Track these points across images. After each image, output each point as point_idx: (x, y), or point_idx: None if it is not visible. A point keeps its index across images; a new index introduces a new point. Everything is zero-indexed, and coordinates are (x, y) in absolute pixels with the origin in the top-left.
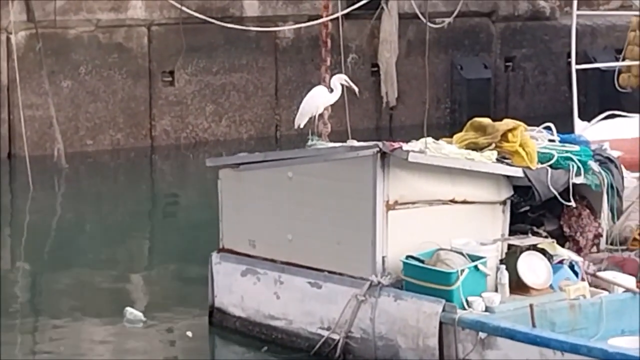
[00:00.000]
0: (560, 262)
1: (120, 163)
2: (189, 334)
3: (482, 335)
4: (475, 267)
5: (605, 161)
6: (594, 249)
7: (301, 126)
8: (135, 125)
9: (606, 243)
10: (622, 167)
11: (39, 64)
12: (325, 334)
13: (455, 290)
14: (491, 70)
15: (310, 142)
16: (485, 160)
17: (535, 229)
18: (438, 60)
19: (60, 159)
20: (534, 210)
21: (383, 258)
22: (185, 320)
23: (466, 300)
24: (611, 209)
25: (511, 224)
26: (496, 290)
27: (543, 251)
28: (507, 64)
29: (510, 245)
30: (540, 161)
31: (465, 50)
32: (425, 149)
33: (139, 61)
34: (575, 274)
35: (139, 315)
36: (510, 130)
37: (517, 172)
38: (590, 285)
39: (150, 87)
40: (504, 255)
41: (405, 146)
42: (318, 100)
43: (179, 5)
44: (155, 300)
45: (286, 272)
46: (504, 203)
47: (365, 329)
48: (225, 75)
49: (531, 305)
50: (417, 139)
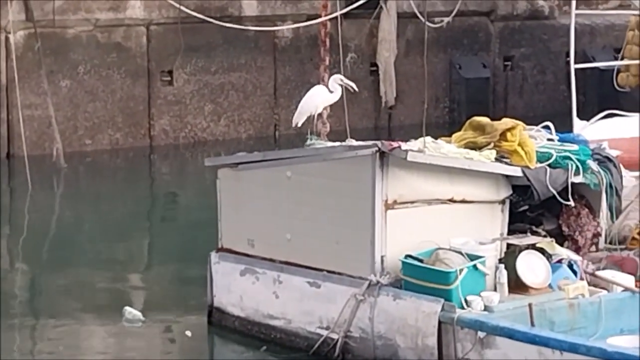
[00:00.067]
0: (559, 262)
1: (119, 163)
2: (188, 333)
3: (481, 334)
4: (474, 267)
5: (604, 160)
6: (593, 248)
7: (299, 125)
8: (134, 125)
9: (605, 242)
10: (621, 167)
11: (38, 64)
12: (324, 333)
13: (454, 289)
14: (490, 70)
15: (309, 142)
16: (484, 160)
17: (534, 228)
18: (437, 59)
19: (59, 158)
20: (533, 210)
21: (382, 257)
22: (184, 320)
23: (465, 300)
24: (610, 208)
25: (510, 223)
26: (495, 289)
27: (542, 250)
28: (506, 63)
29: (509, 245)
30: (539, 160)
31: (464, 50)
32: (424, 148)
33: (138, 61)
34: (574, 273)
35: (138, 314)
36: (509, 129)
37: (516, 172)
38: (589, 284)
39: (149, 87)
40: (502, 255)
41: (404, 145)
42: (317, 99)
43: (178, 5)
44: (154, 299)
45: (285, 272)
46: (502, 202)
47: (364, 329)
48: (224, 75)
49: (530, 305)
50: (416, 139)
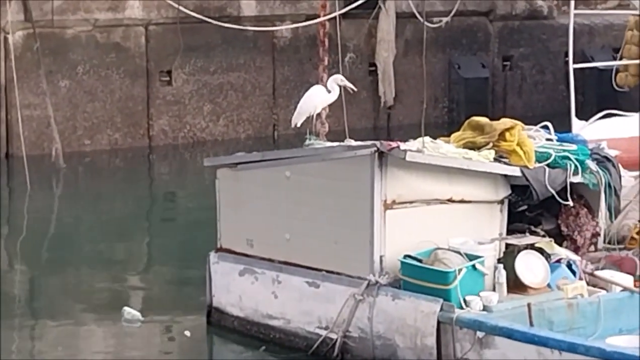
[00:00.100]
0: (558, 261)
1: (118, 163)
2: (187, 333)
3: (480, 334)
4: (473, 267)
5: (603, 160)
6: (592, 248)
7: (298, 125)
8: (133, 125)
9: (604, 242)
10: (620, 166)
11: (37, 64)
12: (323, 333)
13: (453, 289)
14: (489, 70)
15: (307, 142)
16: (483, 160)
17: (532, 228)
18: (436, 59)
19: (58, 158)
20: (532, 210)
21: (381, 257)
22: (183, 320)
23: (464, 300)
24: (609, 208)
25: (509, 223)
26: (494, 289)
27: (541, 250)
28: (505, 63)
29: (508, 245)
30: (538, 160)
31: (462, 50)
32: (423, 148)
33: (137, 61)
34: (573, 273)
35: (137, 314)
36: (507, 129)
37: (515, 172)
38: (588, 284)
39: (147, 87)
40: (501, 255)
41: (403, 145)
42: (316, 99)
43: (177, 5)
44: (153, 299)
45: (284, 272)
46: (501, 202)
47: (363, 328)
48: (223, 75)
49: (529, 305)
50: (415, 139)
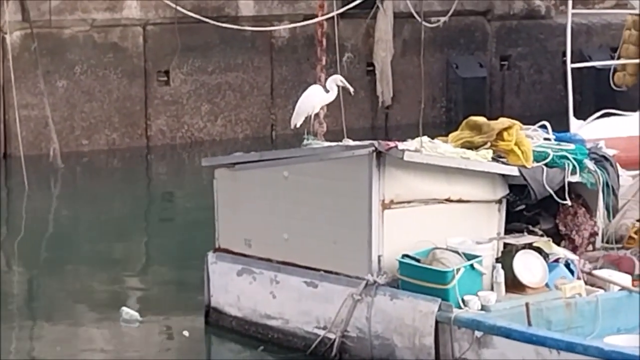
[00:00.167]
0: (556, 261)
1: (116, 163)
2: (185, 333)
3: (478, 334)
4: (471, 266)
5: (601, 159)
6: (590, 247)
7: (297, 126)
8: (131, 125)
9: (602, 241)
10: (618, 166)
11: (34, 64)
12: (321, 333)
13: (451, 289)
14: (487, 69)
15: (305, 142)
16: (481, 159)
17: (531, 227)
18: (433, 59)
19: (56, 158)
20: (530, 209)
21: (379, 257)
22: (181, 320)
23: (462, 299)
24: (607, 208)
25: (507, 222)
26: (492, 289)
27: (539, 250)
28: (503, 63)
29: (506, 244)
30: (536, 160)
31: (460, 49)
32: (421, 148)
33: (134, 61)
34: (571, 272)
35: (135, 314)
36: (505, 129)
37: (513, 171)
38: (586, 283)
39: (145, 87)
40: (499, 254)
41: (401, 145)
42: (314, 99)
43: (174, 5)
44: (151, 299)
45: (282, 272)
46: (499, 202)
47: (361, 328)
48: (221, 75)
49: (527, 304)
50: (413, 138)
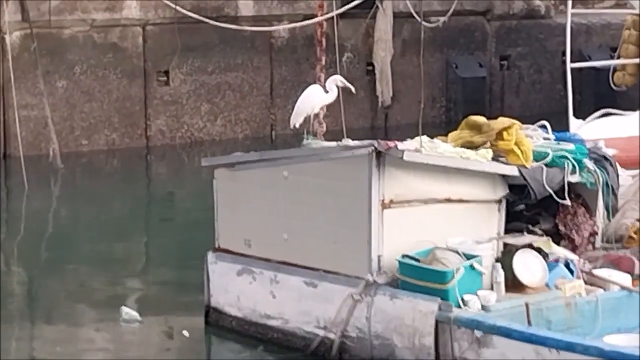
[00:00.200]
0: (556, 261)
1: (116, 163)
2: (185, 333)
3: (478, 333)
4: (471, 266)
5: (601, 159)
6: (590, 247)
7: (297, 126)
8: (131, 125)
9: (602, 241)
10: (617, 165)
11: (34, 64)
12: (321, 333)
13: (451, 288)
14: (486, 69)
15: (305, 142)
16: (481, 159)
17: (530, 227)
18: (433, 59)
19: (56, 159)
20: (530, 209)
21: (379, 257)
22: (181, 320)
23: (462, 299)
24: (606, 207)
25: (507, 222)
26: (492, 288)
27: (539, 249)
28: (502, 63)
29: (505, 244)
30: (536, 159)
31: (460, 49)
32: (421, 147)
33: (134, 61)
34: (571, 272)
35: (135, 314)
36: (505, 128)
37: (513, 171)
38: (585, 283)
39: (145, 87)
40: (499, 254)
41: (401, 145)
42: (314, 99)
43: (174, 5)
44: (151, 299)
45: (282, 272)
46: (499, 202)
47: (361, 328)
48: (221, 75)
49: (527, 304)
50: (413, 138)
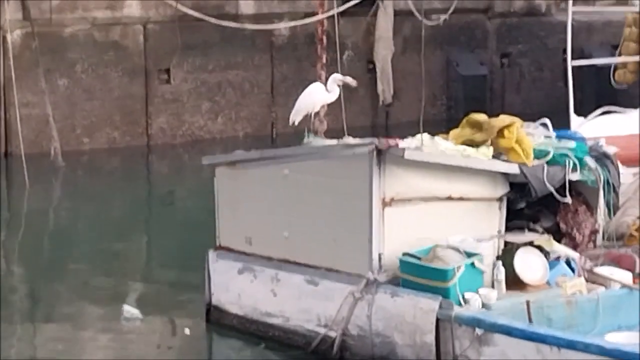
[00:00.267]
0: (557, 259)
1: (117, 161)
2: (187, 331)
3: (479, 331)
4: (472, 264)
5: (602, 157)
6: (591, 245)
7: (296, 123)
8: (132, 123)
9: (603, 239)
10: (618, 163)
11: (35, 62)
12: (322, 331)
13: (452, 286)
14: (487, 67)
15: (306, 140)
16: (482, 157)
17: (531, 225)
18: (434, 57)
19: (57, 157)
20: (531, 207)
21: (379, 255)
22: (182, 318)
23: (463, 297)
24: (607, 205)
25: (507, 220)
26: (493, 286)
27: (539, 247)
28: (503, 61)
29: (506, 242)
30: (537, 157)
31: (461, 47)
32: (422, 146)
33: (135, 59)
34: (572, 270)
35: (136, 312)
36: (506, 126)
37: (513, 169)
38: (586, 281)
39: (146, 85)
40: (500, 252)
41: (401, 143)
42: (314, 97)
43: (175, 4)
44: (152, 297)
45: (283, 270)
46: (500, 199)
47: (362, 326)
48: (221, 73)
49: (528, 302)
50: (413, 136)
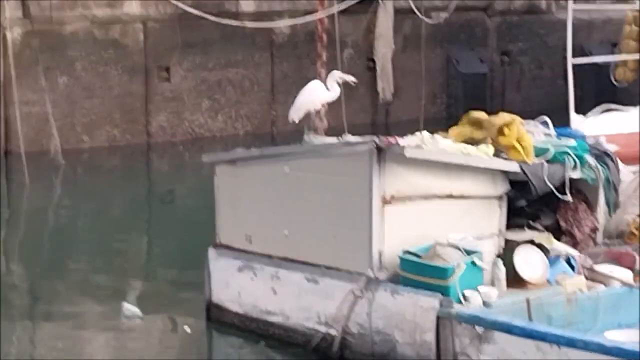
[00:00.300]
0: (557, 257)
1: (117, 159)
2: (187, 329)
3: (479, 329)
4: (472, 262)
5: (602, 155)
6: (591, 243)
7: (296, 121)
8: (132, 121)
9: (603, 237)
10: (619, 161)
11: (35, 60)
12: (322, 329)
13: (452, 284)
14: (487, 65)
15: (306, 138)
16: (482, 155)
17: (531, 223)
18: (434, 55)
19: (57, 155)
20: (531, 205)
21: (379, 253)
22: (182, 316)
23: (463, 295)
24: (607, 203)
25: (508, 218)
26: (493, 284)
27: (540, 245)
28: (503, 58)
29: (506, 240)
30: (537, 155)
31: (461, 45)
32: (422, 143)
33: (135, 57)
34: (572, 268)
35: (136, 311)
36: (506, 124)
37: (514, 167)
38: (586, 279)
39: (146, 83)
40: (500, 250)
41: (402, 141)
42: (314, 96)
43: (175, 1)
44: (152, 295)
45: (283, 268)
46: (500, 197)
47: (362, 324)
48: (221, 71)
49: (528, 300)
50: (413, 134)
